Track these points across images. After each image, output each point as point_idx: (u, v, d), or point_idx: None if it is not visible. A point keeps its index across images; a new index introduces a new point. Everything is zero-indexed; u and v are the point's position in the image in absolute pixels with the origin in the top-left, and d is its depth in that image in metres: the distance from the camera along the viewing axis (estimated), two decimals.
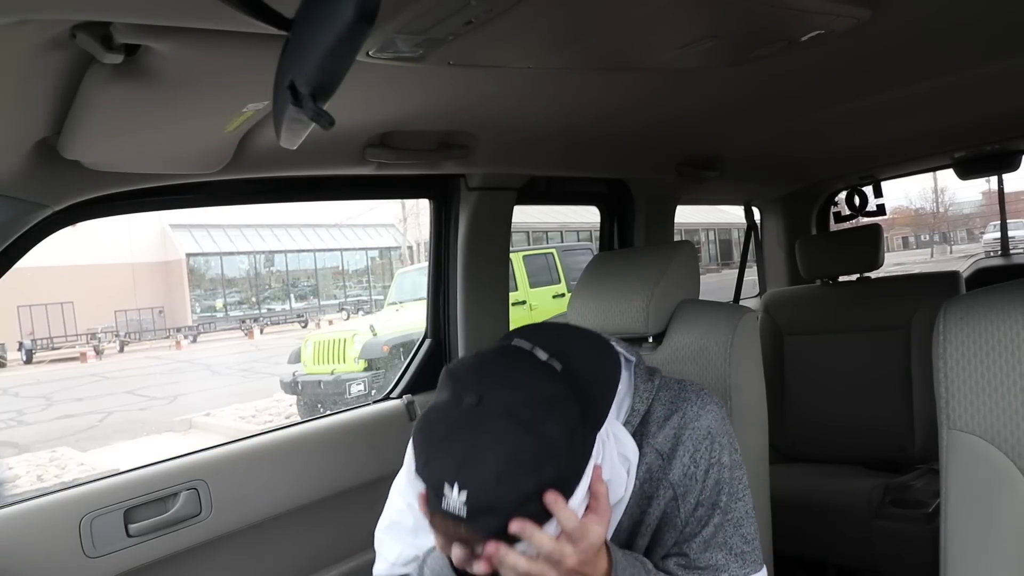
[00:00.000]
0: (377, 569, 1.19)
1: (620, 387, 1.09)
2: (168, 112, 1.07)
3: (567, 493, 0.86)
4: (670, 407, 1.10)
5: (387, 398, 2.11)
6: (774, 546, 1.47)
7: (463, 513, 0.82)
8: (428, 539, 1.07)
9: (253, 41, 0.87)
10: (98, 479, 1.55)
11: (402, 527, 1.16)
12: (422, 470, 0.88)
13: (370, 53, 0.97)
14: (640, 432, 1.09)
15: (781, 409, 2.75)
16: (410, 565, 1.12)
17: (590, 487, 0.90)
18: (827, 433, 2.66)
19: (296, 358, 9.62)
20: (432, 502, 0.86)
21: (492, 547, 0.85)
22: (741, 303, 3.10)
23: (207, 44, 0.87)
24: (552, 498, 0.85)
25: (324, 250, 28.73)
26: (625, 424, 1.08)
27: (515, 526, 0.84)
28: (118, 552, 1.49)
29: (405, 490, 1.16)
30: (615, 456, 1.01)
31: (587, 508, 0.90)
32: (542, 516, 0.85)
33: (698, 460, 1.07)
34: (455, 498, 0.83)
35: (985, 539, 0.99)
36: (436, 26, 0.89)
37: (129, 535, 1.51)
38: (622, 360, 1.11)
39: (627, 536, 1.07)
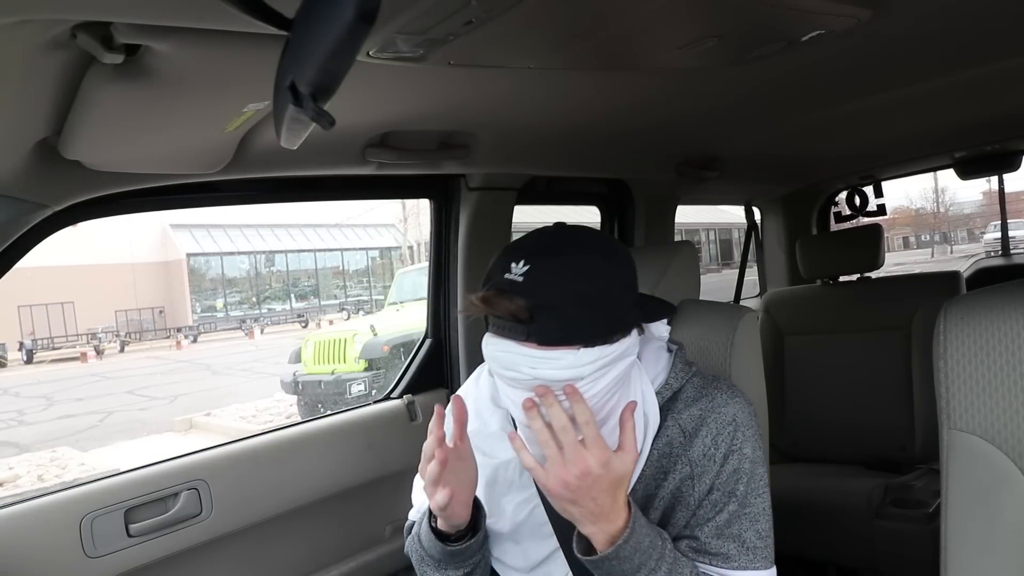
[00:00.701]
0: (410, 514, 1.30)
1: (660, 362, 1.18)
2: (168, 112, 1.07)
3: (592, 338, 0.95)
4: (700, 391, 1.15)
5: (388, 398, 2.11)
6: (775, 546, 1.47)
7: (521, 278, 0.95)
8: None
9: (253, 41, 0.87)
10: (99, 479, 1.55)
11: None
12: (494, 264, 1.01)
13: (370, 53, 0.97)
14: (668, 407, 1.13)
15: (781, 409, 2.75)
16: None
17: (621, 417, 0.98)
18: (827, 433, 2.66)
19: (296, 358, 9.60)
20: (494, 281, 0.98)
21: (529, 402, 0.95)
22: (741, 303, 3.10)
23: (207, 44, 0.87)
24: (571, 389, 0.94)
25: (324, 250, 28.75)
26: (656, 395, 1.12)
27: (540, 388, 0.94)
28: (119, 552, 1.49)
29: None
30: (639, 412, 1.07)
31: (619, 447, 0.97)
32: (575, 332, 0.95)
33: (719, 443, 1.09)
34: (518, 268, 0.96)
35: (986, 539, 0.99)
36: (436, 26, 0.89)
37: (130, 535, 1.51)
38: (667, 345, 1.22)
39: (640, 508, 1.08)
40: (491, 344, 1.00)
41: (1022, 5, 1.18)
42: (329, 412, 2.04)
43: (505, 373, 0.98)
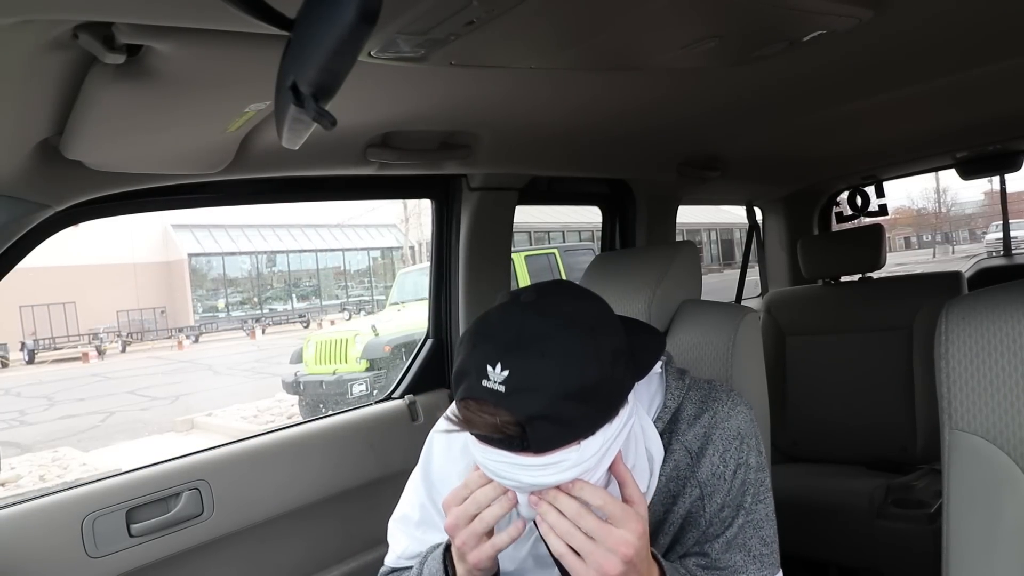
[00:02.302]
0: (386, 559, 1.20)
1: (652, 384, 1.11)
2: (170, 112, 1.08)
3: (593, 428, 0.86)
4: (700, 406, 1.10)
5: (389, 398, 2.11)
6: None
7: (502, 388, 0.82)
8: (433, 535, 1.11)
9: (255, 41, 0.87)
10: (100, 479, 1.55)
11: (409, 520, 1.17)
12: (466, 359, 0.87)
13: (372, 53, 0.97)
14: (670, 430, 1.09)
15: (783, 409, 2.75)
16: (414, 560, 1.12)
17: (612, 469, 0.91)
18: (829, 433, 2.66)
19: (298, 358, 9.62)
20: (470, 386, 0.85)
21: (535, 498, 0.86)
22: (743, 303, 3.10)
23: (209, 44, 0.87)
24: (568, 486, 0.86)
25: (326, 250, 28.77)
26: (656, 420, 1.08)
27: (533, 498, 0.85)
28: (120, 552, 1.49)
29: (419, 485, 1.17)
30: (641, 449, 1.02)
31: (628, 501, 0.90)
32: (576, 431, 0.84)
33: (727, 460, 1.06)
34: (496, 374, 0.82)
35: (987, 539, 0.99)
36: (438, 26, 0.89)
37: (131, 535, 1.51)
38: None
39: (650, 535, 1.06)
40: (479, 451, 0.88)
41: (1022, 5, 1.18)
42: (330, 412, 2.04)
43: (502, 482, 0.88)
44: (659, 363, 1.13)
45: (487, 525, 0.90)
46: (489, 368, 0.83)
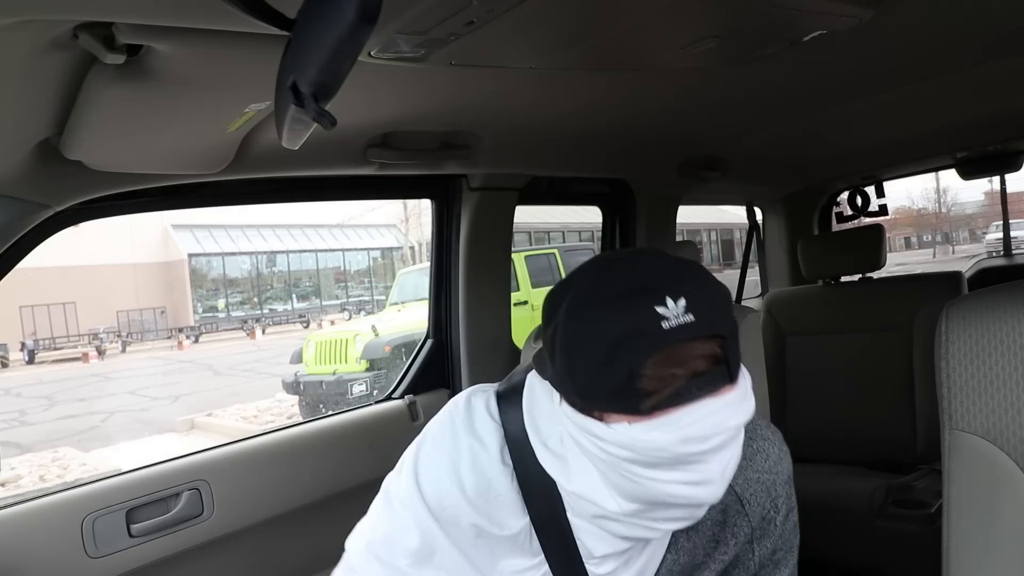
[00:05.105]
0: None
1: None
2: (170, 112, 1.08)
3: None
4: (748, 446, 1.02)
5: (389, 398, 2.11)
6: None
7: (690, 317, 0.74)
8: (430, 574, 0.94)
9: (255, 41, 0.87)
10: (100, 479, 1.55)
11: (397, 547, 0.97)
12: (616, 314, 0.76)
13: (372, 53, 0.97)
14: None
15: (783, 409, 2.75)
16: None
17: None
18: (829, 433, 2.66)
19: (298, 358, 9.61)
20: (649, 338, 0.74)
21: None
22: (743, 303, 3.09)
23: (209, 44, 0.87)
24: None
25: (326, 250, 28.74)
26: None
27: None
28: (120, 552, 1.49)
29: (414, 501, 0.97)
30: None
31: None
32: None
33: (779, 505, 1.06)
34: (675, 308, 0.74)
35: (988, 540, 0.99)
36: (438, 26, 0.89)
37: (131, 535, 1.51)
38: None
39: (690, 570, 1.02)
40: (671, 424, 0.75)
41: (1022, 5, 1.18)
42: (331, 412, 2.04)
43: (702, 447, 0.76)
44: None
45: None
46: (659, 309, 0.74)
